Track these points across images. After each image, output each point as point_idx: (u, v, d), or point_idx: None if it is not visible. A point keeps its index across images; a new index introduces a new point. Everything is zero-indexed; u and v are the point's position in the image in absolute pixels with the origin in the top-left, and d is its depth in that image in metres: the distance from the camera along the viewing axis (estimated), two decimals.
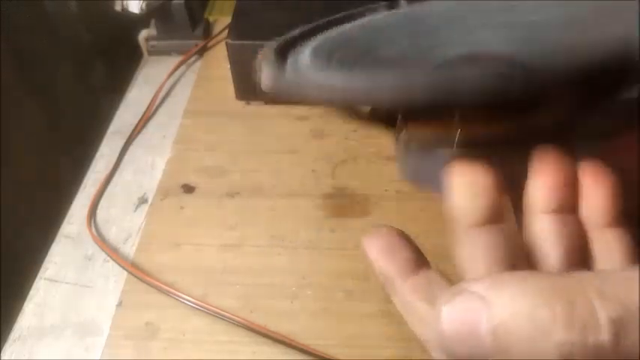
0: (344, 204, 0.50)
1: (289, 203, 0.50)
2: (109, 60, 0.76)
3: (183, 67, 0.66)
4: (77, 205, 0.53)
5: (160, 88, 0.63)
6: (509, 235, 0.21)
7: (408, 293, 0.23)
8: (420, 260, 0.24)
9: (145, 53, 0.69)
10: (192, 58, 0.67)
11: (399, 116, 0.25)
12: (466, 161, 0.21)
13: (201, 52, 0.68)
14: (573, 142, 0.21)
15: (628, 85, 0.22)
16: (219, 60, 0.66)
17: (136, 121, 0.59)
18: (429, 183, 0.23)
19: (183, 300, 0.43)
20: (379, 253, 0.24)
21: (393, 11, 0.28)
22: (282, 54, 0.24)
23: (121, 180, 0.54)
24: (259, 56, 0.24)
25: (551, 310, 0.15)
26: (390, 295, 0.24)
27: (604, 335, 0.15)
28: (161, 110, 0.62)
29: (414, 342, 0.41)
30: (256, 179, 0.53)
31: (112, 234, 0.50)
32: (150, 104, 0.61)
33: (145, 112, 0.60)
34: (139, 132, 0.59)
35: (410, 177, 0.26)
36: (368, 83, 0.21)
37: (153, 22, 0.68)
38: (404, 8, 0.27)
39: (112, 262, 0.47)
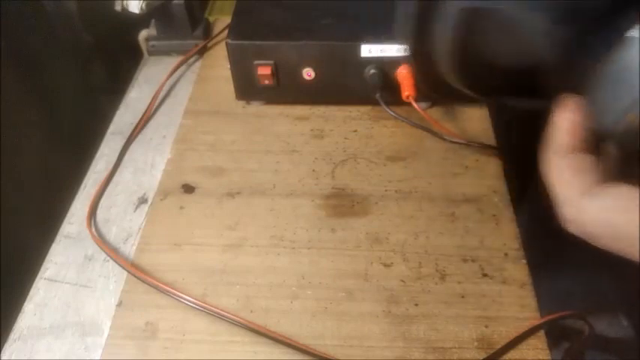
0: (344, 204, 0.50)
1: (289, 203, 0.50)
2: (109, 60, 0.76)
3: (183, 67, 0.66)
4: (77, 205, 0.53)
5: (160, 88, 0.63)
6: None
7: (564, 166, 0.28)
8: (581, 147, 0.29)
9: (145, 53, 0.69)
10: (193, 58, 0.67)
11: None
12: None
13: (201, 52, 0.68)
14: None
15: None
16: (219, 60, 0.66)
17: (136, 121, 0.59)
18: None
19: (183, 300, 0.43)
20: (561, 123, 0.29)
21: None
22: None
23: (121, 180, 0.55)
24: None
25: None
26: (546, 166, 0.29)
27: None
28: (161, 110, 0.62)
29: (414, 342, 0.41)
30: (256, 179, 0.53)
31: (112, 234, 0.50)
32: (150, 104, 0.61)
33: (144, 112, 0.60)
34: (139, 132, 0.59)
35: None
36: None
37: (153, 22, 0.68)
38: None
39: (112, 262, 0.47)
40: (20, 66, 0.65)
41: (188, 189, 0.52)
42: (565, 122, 0.28)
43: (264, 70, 0.55)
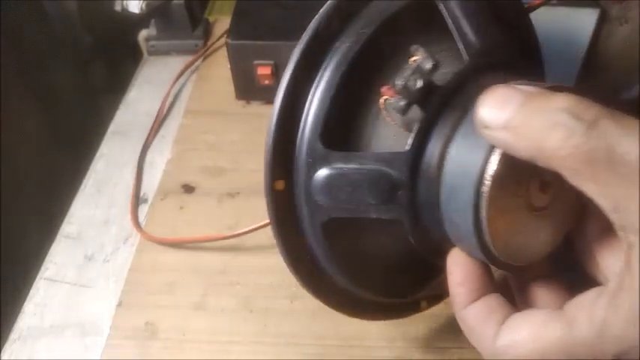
0: None
1: None
2: (109, 60, 0.76)
3: (183, 67, 0.66)
4: (77, 205, 0.53)
5: (167, 95, 0.62)
6: None
7: (471, 319, 0.27)
8: (485, 289, 0.27)
9: (145, 53, 0.69)
10: (193, 58, 0.67)
11: None
12: None
13: (202, 52, 0.68)
14: None
15: None
16: (219, 60, 0.66)
17: (135, 121, 0.59)
18: None
19: (183, 300, 0.43)
20: (453, 278, 0.28)
21: None
22: None
23: (121, 180, 0.54)
24: None
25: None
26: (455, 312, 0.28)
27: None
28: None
29: (413, 342, 0.41)
30: (256, 179, 0.52)
31: (112, 234, 0.50)
32: (160, 109, 0.60)
33: (156, 117, 0.59)
34: (153, 137, 0.58)
35: None
36: None
37: (153, 22, 0.68)
38: None
39: (111, 262, 0.47)
40: (20, 66, 0.65)
41: (188, 189, 0.52)
42: (456, 276, 0.27)
43: (264, 70, 0.55)
